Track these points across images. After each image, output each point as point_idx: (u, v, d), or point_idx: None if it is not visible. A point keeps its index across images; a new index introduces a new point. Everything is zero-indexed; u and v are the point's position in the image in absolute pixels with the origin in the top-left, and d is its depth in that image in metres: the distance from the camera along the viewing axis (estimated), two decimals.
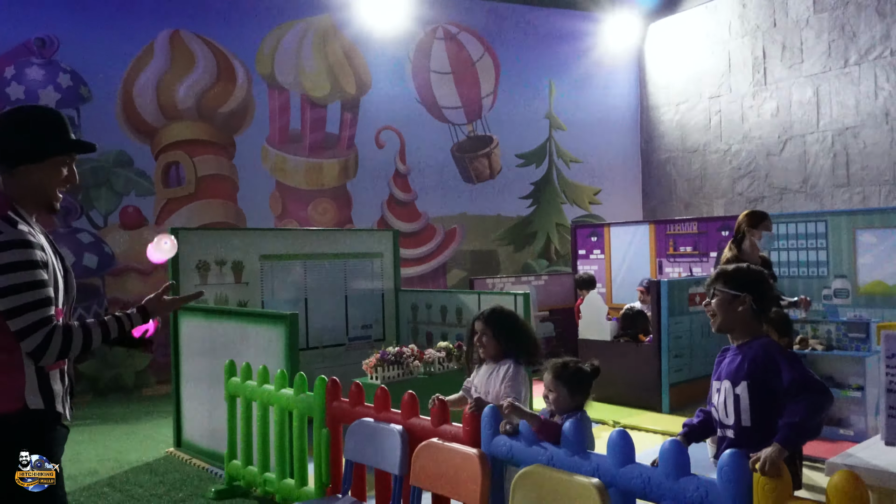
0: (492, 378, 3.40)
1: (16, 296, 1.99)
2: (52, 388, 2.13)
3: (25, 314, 2.00)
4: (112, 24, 8.25)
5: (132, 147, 8.43)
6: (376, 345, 6.68)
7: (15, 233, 2.03)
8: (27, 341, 2.02)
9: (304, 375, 4.15)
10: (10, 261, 1.99)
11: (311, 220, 9.32)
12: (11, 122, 2.16)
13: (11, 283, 1.99)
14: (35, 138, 2.15)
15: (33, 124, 2.16)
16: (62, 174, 2.20)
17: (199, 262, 6.01)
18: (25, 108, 2.23)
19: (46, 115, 2.22)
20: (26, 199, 2.16)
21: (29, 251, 2.03)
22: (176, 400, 5.77)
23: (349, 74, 9.61)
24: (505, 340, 3.41)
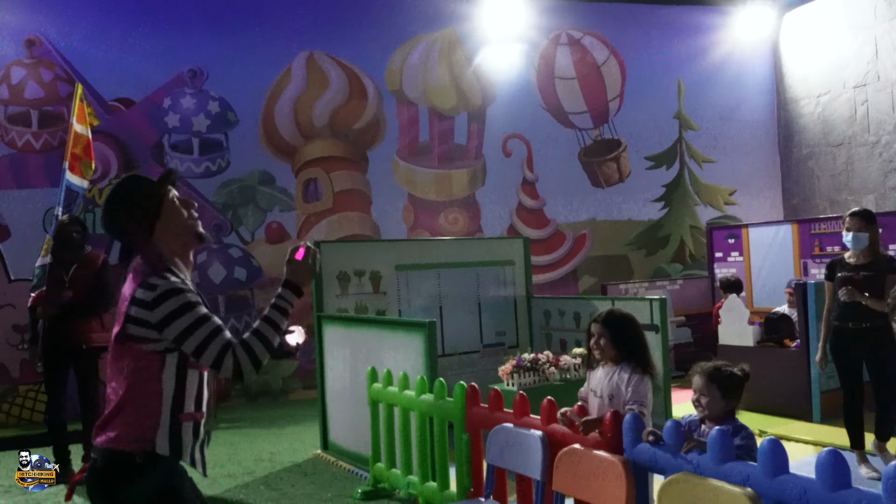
0: (611, 382, 3.37)
1: (194, 334, 2.17)
2: (182, 437, 2.24)
3: (209, 347, 2.18)
4: (252, 53, 8.81)
5: (274, 166, 8.95)
6: (510, 351, 6.75)
7: (169, 283, 2.18)
8: (222, 370, 2.19)
9: (444, 382, 4.28)
10: (176, 307, 2.16)
11: (441, 230, 9.53)
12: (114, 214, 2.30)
13: (185, 326, 2.16)
14: (138, 205, 2.29)
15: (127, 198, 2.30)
16: (179, 208, 2.35)
17: (339, 273, 6.30)
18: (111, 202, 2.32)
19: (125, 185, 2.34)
20: (175, 248, 2.33)
21: (183, 294, 2.18)
22: (321, 404, 6.07)
23: (474, 85, 9.77)
24: (623, 343, 3.36)
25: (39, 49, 8.15)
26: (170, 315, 2.16)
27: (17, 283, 7.22)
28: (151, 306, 2.17)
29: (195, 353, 2.19)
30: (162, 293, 2.17)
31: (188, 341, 2.17)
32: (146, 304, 2.17)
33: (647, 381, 3.30)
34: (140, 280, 2.22)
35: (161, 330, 2.17)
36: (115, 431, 2.19)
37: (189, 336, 2.17)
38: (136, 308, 2.19)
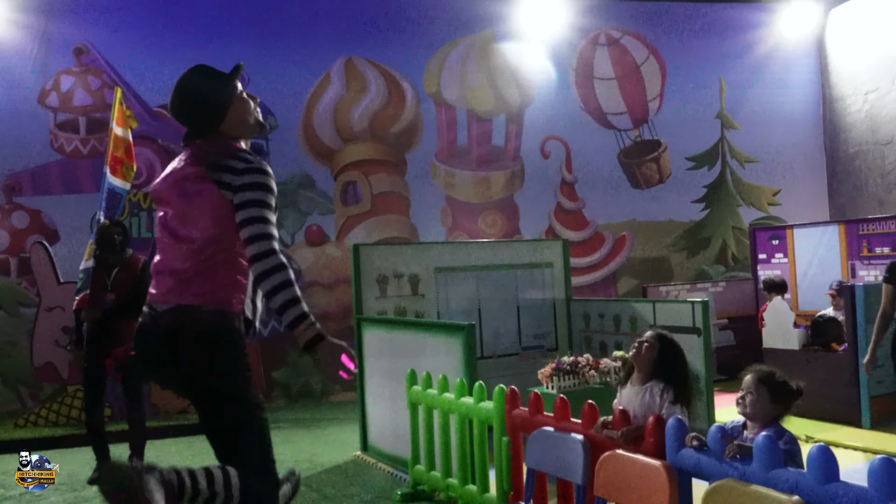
0: (644, 396, 3.32)
1: (261, 208, 2.40)
2: (256, 305, 2.53)
3: (263, 223, 2.40)
4: (292, 58, 8.92)
5: (314, 169, 9.04)
6: (549, 354, 6.71)
7: (264, 165, 2.43)
8: (255, 244, 2.39)
9: (483, 385, 4.27)
10: (258, 181, 2.40)
11: (480, 232, 9.52)
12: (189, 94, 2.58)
13: (261, 199, 2.38)
14: (213, 89, 2.56)
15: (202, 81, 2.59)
16: (247, 100, 2.63)
17: (378, 276, 6.34)
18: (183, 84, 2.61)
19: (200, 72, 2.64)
20: (242, 134, 2.57)
21: (270, 180, 2.43)
22: (361, 406, 6.10)
23: (512, 87, 9.74)
24: (662, 362, 3.34)
25: (87, 57, 8.36)
26: (257, 184, 2.39)
27: (67, 285, 7.39)
28: (243, 171, 2.39)
29: (250, 221, 2.36)
30: (257, 168, 2.42)
31: (252, 209, 2.36)
32: (236, 170, 2.40)
33: (682, 410, 3.24)
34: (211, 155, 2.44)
35: (241, 190, 2.39)
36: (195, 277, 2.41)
37: (256, 206, 2.38)
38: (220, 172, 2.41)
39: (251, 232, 2.37)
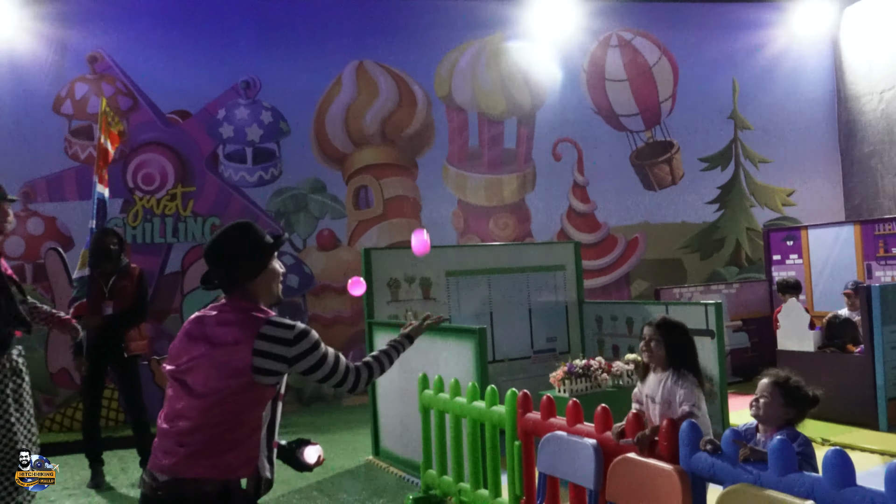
0: (663, 387, 3.32)
1: (323, 366, 2.54)
2: (273, 464, 2.51)
3: (337, 371, 2.59)
4: (304, 63, 8.94)
5: (325, 174, 9.05)
6: (561, 357, 6.68)
7: (300, 326, 2.49)
8: (345, 386, 2.63)
9: (495, 388, 4.26)
10: (306, 347, 2.47)
11: (491, 235, 9.50)
12: (224, 251, 2.51)
13: (316, 360, 2.51)
14: (249, 260, 2.52)
15: (247, 244, 2.53)
16: (279, 271, 2.63)
17: (390, 280, 6.34)
18: (228, 235, 2.54)
19: (246, 230, 2.56)
20: (264, 301, 2.58)
21: (311, 333, 2.51)
22: (373, 411, 6.10)
23: (524, 89, 9.73)
24: (674, 349, 3.34)
25: (101, 65, 8.42)
26: (308, 349, 2.47)
27: None
28: (292, 343, 2.43)
29: (325, 379, 2.56)
30: (299, 332, 2.46)
31: (319, 371, 2.52)
32: (286, 340, 2.42)
33: (698, 389, 3.25)
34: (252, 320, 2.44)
35: (293, 364, 2.45)
36: (209, 459, 2.32)
37: (319, 368, 2.52)
38: (268, 343, 2.39)
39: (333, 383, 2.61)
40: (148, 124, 8.52)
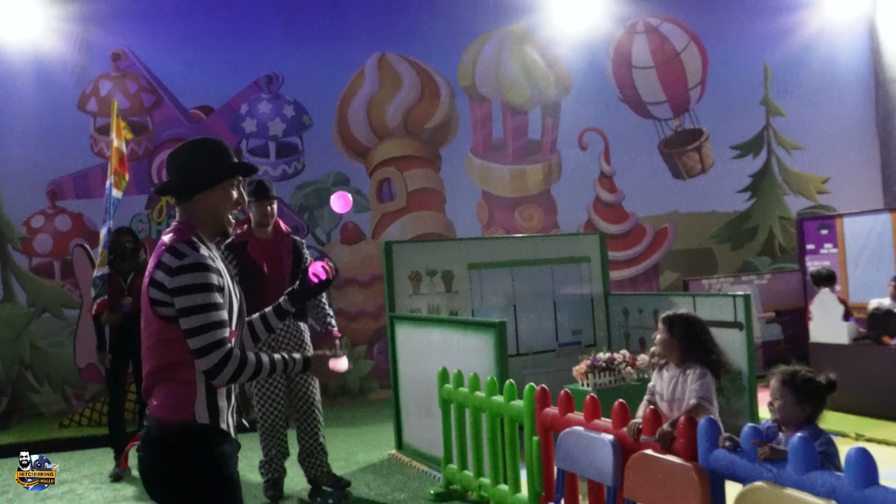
0: (675, 383, 3.22)
1: (194, 316, 2.15)
2: (218, 405, 2.25)
3: (203, 335, 2.15)
4: (326, 57, 8.92)
5: (348, 167, 9.03)
6: (587, 350, 6.56)
7: (197, 256, 2.18)
8: (202, 361, 2.17)
9: (514, 383, 4.18)
10: (189, 283, 2.15)
11: (517, 226, 9.40)
12: (183, 156, 2.34)
13: (190, 305, 2.15)
14: (205, 168, 2.32)
15: (203, 155, 2.34)
16: (232, 197, 2.37)
17: (411, 273, 6.27)
18: (193, 142, 2.40)
19: (212, 145, 2.39)
20: (205, 224, 2.33)
21: (207, 274, 2.17)
22: (395, 405, 6.06)
23: (548, 79, 9.59)
24: (686, 343, 3.25)
25: (125, 62, 8.49)
26: (186, 287, 2.15)
27: None
28: (174, 272, 2.17)
29: (186, 334, 2.17)
30: (186, 264, 2.17)
31: (186, 319, 2.16)
32: (169, 270, 2.18)
33: (711, 380, 3.14)
34: (161, 247, 2.25)
35: (173, 297, 2.17)
36: (158, 400, 2.23)
37: (189, 316, 2.15)
38: (158, 272, 2.20)
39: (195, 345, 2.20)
40: (171, 120, 8.57)
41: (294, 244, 5.00)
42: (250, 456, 5.43)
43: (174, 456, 2.20)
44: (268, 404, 4.85)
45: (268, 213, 4.83)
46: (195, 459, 2.21)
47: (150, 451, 2.24)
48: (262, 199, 4.80)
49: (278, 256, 4.85)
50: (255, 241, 4.84)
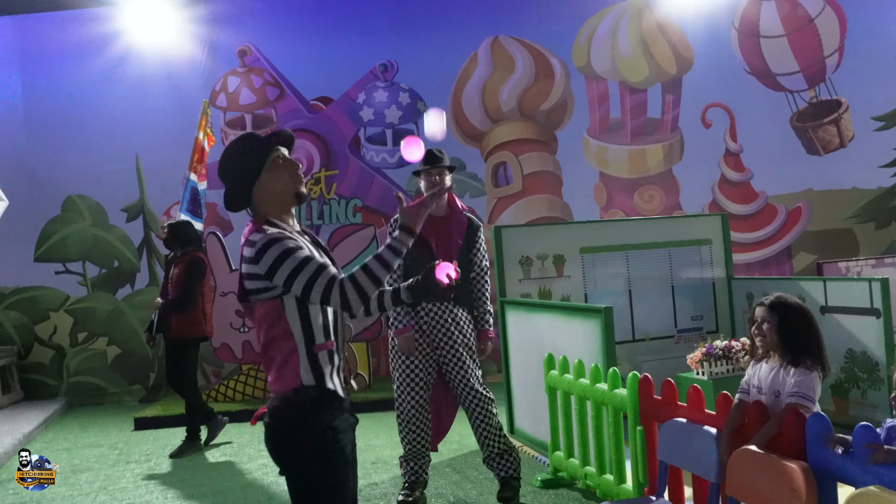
0: (774, 377, 2.97)
1: (298, 276, 2.26)
2: (322, 368, 2.34)
3: (314, 284, 2.26)
4: (439, 42, 8.98)
5: (464, 152, 9.07)
6: (709, 337, 6.30)
7: (267, 235, 2.29)
8: (331, 302, 2.28)
9: (617, 371, 4.08)
10: (276, 256, 2.26)
11: (636, 208, 9.12)
12: (223, 167, 2.46)
13: (288, 271, 2.26)
14: (241, 162, 2.41)
15: (235, 158, 2.44)
16: (283, 171, 2.43)
17: (521, 258, 6.24)
18: (224, 152, 2.49)
19: (237, 144, 2.47)
20: (274, 208, 2.43)
21: (284, 242, 2.28)
22: (507, 389, 6.06)
23: (668, 54, 9.20)
24: (789, 334, 2.96)
25: (250, 58, 8.91)
26: (274, 262, 2.26)
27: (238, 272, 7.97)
28: (256, 259, 2.28)
29: (303, 293, 2.28)
30: (262, 245, 2.28)
31: (295, 283, 2.27)
32: (251, 259, 2.30)
33: (816, 377, 2.88)
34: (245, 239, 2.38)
35: (271, 278, 2.28)
36: (270, 375, 2.38)
37: (295, 278, 2.26)
38: (245, 266, 2.34)
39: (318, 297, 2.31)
40: (294, 112, 8.92)
41: (469, 224, 4.58)
42: None
43: (286, 424, 2.34)
44: (406, 387, 4.47)
45: (436, 183, 4.45)
46: (307, 424, 2.32)
47: (269, 420, 2.38)
48: (431, 167, 4.46)
49: (448, 234, 4.47)
50: None
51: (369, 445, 6.06)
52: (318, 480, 2.31)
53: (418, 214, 2.37)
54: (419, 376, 4.45)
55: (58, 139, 8.91)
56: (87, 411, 8.41)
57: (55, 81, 8.90)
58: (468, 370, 4.44)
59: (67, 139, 8.90)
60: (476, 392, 4.45)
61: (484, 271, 4.64)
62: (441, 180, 4.46)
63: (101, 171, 8.88)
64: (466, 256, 4.54)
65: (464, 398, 4.47)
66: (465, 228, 4.54)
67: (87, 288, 8.95)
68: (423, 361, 4.46)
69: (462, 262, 4.47)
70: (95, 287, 8.95)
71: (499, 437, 4.49)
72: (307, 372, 2.33)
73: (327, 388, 2.35)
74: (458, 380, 4.44)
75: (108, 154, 8.87)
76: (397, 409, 4.55)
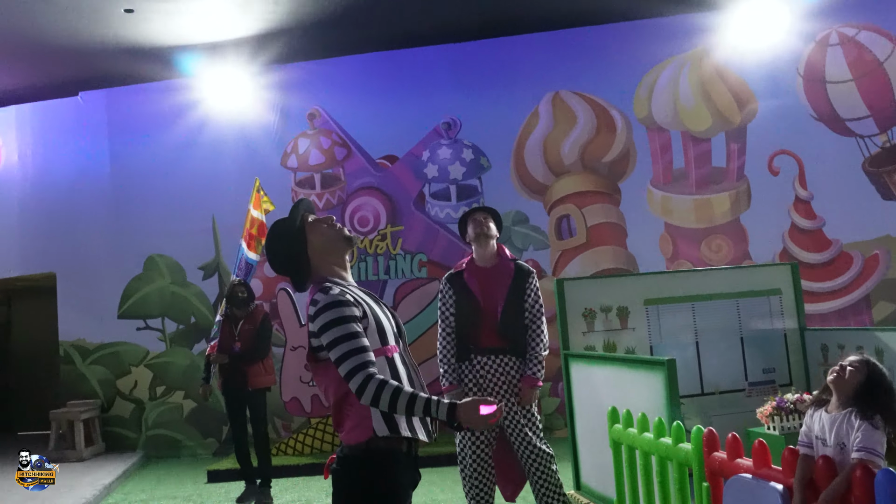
0: (841, 427, 2.86)
1: (337, 347, 2.40)
2: (395, 416, 2.44)
3: (346, 361, 2.39)
4: (500, 99, 9.19)
5: (526, 205, 9.16)
6: (782, 389, 6.11)
7: (328, 297, 2.45)
8: (350, 383, 2.39)
9: (682, 425, 4.01)
10: (328, 320, 2.41)
11: (703, 258, 8.98)
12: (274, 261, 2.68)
13: (332, 338, 2.40)
14: (283, 244, 2.62)
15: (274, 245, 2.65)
16: (319, 223, 2.63)
17: (585, 310, 6.22)
18: (267, 238, 2.71)
19: (268, 237, 2.69)
20: (327, 264, 2.61)
21: (340, 309, 2.42)
22: (572, 443, 5.99)
23: (731, 103, 9.15)
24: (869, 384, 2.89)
25: (319, 120, 9.30)
26: (325, 325, 2.42)
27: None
28: (314, 317, 2.44)
29: (335, 364, 2.40)
30: (322, 306, 2.44)
31: (332, 351, 2.40)
32: (311, 317, 2.47)
33: (882, 434, 2.78)
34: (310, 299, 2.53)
35: (318, 337, 2.43)
36: (343, 429, 2.50)
37: (334, 347, 2.40)
38: (310, 324, 2.49)
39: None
40: (361, 170, 9.22)
41: (517, 271, 4.61)
42: None
43: (351, 475, 2.44)
44: (467, 441, 4.48)
45: (482, 223, 4.56)
46: (367, 479, 2.42)
47: (336, 468, 2.49)
48: (475, 212, 4.63)
49: (495, 285, 4.54)
50: (472, 268, 4.63)
51: (434, 500, 6.06)
52: None
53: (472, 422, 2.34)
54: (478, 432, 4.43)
55: (141, 202, 9.44)
56: (163, 463, 8.68)
57: (140, 148, 9.48)
58: (525, 425, 4.41)
59: (150, 202, 9.42)
60: (534, 448, 4.42)
61: (537, 317, 4.65)
62: (485, 222, 4.57)
63: (180, 231, 9.33)
64: (519, 304, 4.56)
65: (522, 453, 4.44)
66: (513, 276, 4.57)
67: (165, 343, 9.32)
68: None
69: (515, 311, 4.50)
70: (173, 342, 9.32)
71: (558, 495, 4.44)
72: (380, 423, 2.43)
73: (403, 436, 2.44)
74: (516, 435, 4.42)
75: (187, 214, 9.33)
76: (460, 463, 4.55)
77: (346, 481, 2.44)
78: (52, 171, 9.71)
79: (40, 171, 9.73)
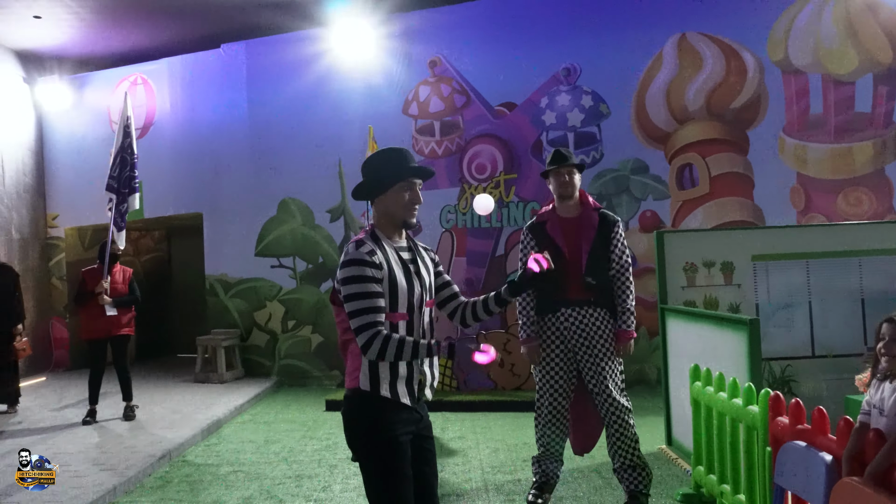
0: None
1: (351, 302, 2.56)
2: (379, 375, 2.62)
3: (357, 317, 2.56)
4: (622, 44, 8.87)
5: (647, 154, 8.88)
6: None
7: (354, 253, 2.59)
8: (357, 338, 2.57)
9: (753, 387, 3.90)
10: (348, 275, 2.57)
11: (840, 212, 8.37)
12: (367, 165, 2.78)
13: (347, 293, 2.57)
14: (377, 176, 2.71)
15: (376, 165, 2.73)
16: (405, 198, 2.70)
17: (685, 264, 6.06)
18: (377, 152, 2.78)
19: (386, 153, 2.75)
20: (383, 222, 2.75)
21: (361, 267, 2.56)
22: (665, 398, 5.93)
23: (882, 41, 8.31)
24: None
25: (440, 68, 9.42)
26: (345, 279, 2.58)
27: None
28: (341, 266, 2.63)
29: (349, 316, 2.58)
30: (347, 259, 2.60)
31: (347, 304, 2.58)
32: (340, 264, 2.65)
33: None
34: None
35: (341, 285, 2.61)
36: (346, 373, 2.73)
37: (348, 301, 2.57)
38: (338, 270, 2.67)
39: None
40: (479, 118, 9.29)
41: (602, 220, 4.44)
42: None
43: (348, 415, 2.69)
44: (544, 391, 4.48)
45: (566, 183, 4.40)
46: (359, 420, 2.65)
47: (343, 409, 2.74)
48: (559, 166, 4.41)
49: (578, 235, 4.40)
50: (555, 219, 4.48)
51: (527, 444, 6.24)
52: (373, 469, 2.60)
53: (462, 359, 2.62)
54: (558, 382, 4.45)
55: (276, 148, 10.05)
56: (292, 391, 9.43)
57: (273, 97, 10.05)
58: (606, 377, 4.36)
59: (283, 148, 10.01)
60: (613, 400, 4.37)
61: (624, 268, 4.49)
62: (570, 180, 4.42)
63: (310, 176, 9.87)
64: (605, 254, 4.42)
65: (601, 405, 4.41)
66: (598, 226, 4.42)
67: (296, 281, 10.00)
68: (563, 367, 4.45)
69: (600, 261, 4.39)
70: (303, 280, 9.98)
71: (632, 449, 4.42)
72: (365, 378, 2.64)
73: (381, 395, 2.62)
74: (596, 386, 4.39)
75: (317, 160, 9.84)
76: (536, 411, 4.60)
77: (346, 418, 2.69)
78: (197, 119, 10.52)
79: (188, 119, 10.57)
